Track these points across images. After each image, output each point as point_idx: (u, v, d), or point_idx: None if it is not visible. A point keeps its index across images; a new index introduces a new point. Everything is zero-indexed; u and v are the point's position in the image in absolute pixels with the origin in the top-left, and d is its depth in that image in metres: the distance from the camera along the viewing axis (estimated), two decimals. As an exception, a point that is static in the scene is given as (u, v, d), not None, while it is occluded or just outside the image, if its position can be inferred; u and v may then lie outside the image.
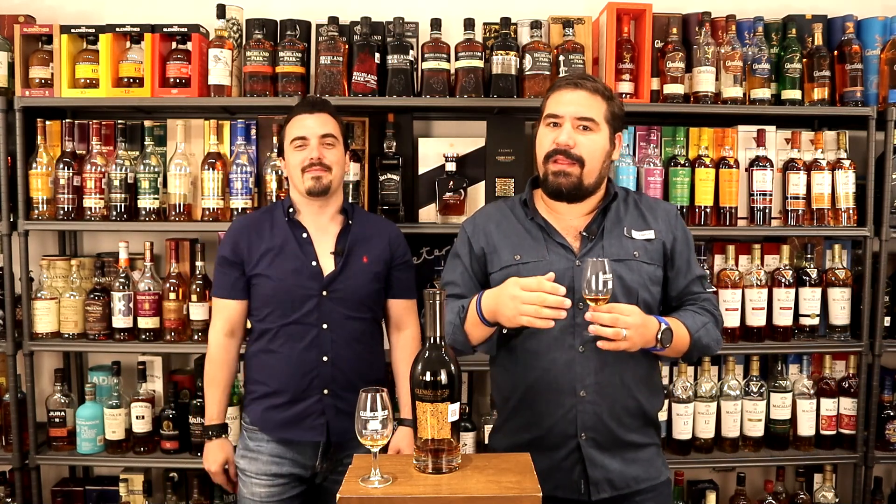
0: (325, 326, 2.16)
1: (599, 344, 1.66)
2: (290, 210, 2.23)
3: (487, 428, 2.70)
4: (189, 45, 2.68)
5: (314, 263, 2.18)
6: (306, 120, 2.19)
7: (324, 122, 2.19)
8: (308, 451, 2.20)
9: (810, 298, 2.77)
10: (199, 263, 2.69)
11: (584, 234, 1.86)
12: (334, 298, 2.17)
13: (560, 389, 1.80)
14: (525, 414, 1.86)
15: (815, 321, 2.78)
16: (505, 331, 1.84)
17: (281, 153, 2.27)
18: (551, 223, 1.88)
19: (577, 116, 1.81)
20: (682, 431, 2.73)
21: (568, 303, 1.60)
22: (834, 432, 2.81)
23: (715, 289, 2.43)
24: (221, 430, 2.28)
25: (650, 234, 1.88)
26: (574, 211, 1.88)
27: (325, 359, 2.16)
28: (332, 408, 2.17)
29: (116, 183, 2.66)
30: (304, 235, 2.21)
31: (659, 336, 1.72)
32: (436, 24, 2.68)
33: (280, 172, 2.65)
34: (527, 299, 1.61)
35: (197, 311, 2.66)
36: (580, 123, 1.81)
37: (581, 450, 1.81)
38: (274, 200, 2.62)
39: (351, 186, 2.70)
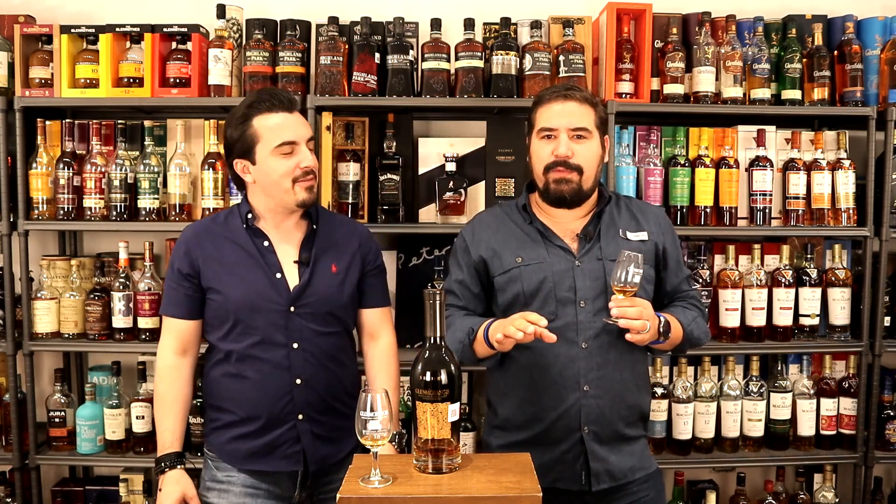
0: (295, 346, 1.93)
1: (628, 337, 1.76)
2: (249, 216, 1.98)
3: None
4: (189, 45, 2.68)
5: (279, 276, 1.94)
6: (289, 120, 1.92)
7: (304, 122, 1.97)
8: (284, 482, 1.98)
9: (810, 298, 2.77)
10: (199, 263, 2.68)
11: (581, 235, 1.92)
12: (303, 314, 1.94)
13: (564, 385, 1.86)
14: (527, 410, 1.90)
15: (815, 321, 2.78)
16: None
17: (244, 156, 1.93)
18: (549, 227, 1.94)
19: (572, 127, 1.89)
20: (682, 431, 2.73)
21: (544, 322, 1.68)
22: (834, 432, 2.81)
23: (697, 286, 2.53)
24: (177, 459, 1.97)
25: (643, 236, 1.96)
26: (570, 215, 1.95)
27: (298, 381, 1.93)
28: (308, 434, 1.95)
29: (116, 183, 2.66)
30: (266, 244, 1.96)
31: (660, 329, 1.81)
32: (436, 24, 2.68)
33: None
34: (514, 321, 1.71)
35: (197, 311, 2.66)
36: (574, 133, 1.89)
37: (584, 443, 1.87)
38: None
39: (351, 186, 2.70)
